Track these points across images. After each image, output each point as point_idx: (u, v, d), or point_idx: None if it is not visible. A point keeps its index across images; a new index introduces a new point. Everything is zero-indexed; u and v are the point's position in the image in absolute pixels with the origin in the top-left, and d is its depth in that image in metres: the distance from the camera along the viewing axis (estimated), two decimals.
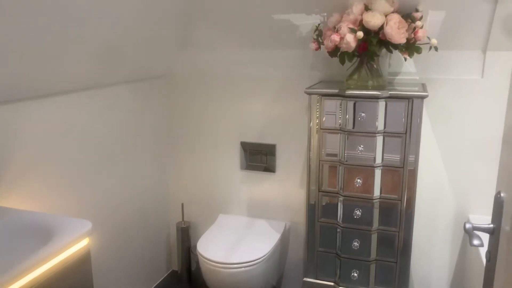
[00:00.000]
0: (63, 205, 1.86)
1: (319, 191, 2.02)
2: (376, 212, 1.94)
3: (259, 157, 2.46)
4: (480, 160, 2.06)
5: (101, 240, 1.98)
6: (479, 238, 0.97)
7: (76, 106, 1.90)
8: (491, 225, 0.95)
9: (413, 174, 1.86)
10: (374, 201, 1.92)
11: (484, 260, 1.02)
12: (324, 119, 1.93)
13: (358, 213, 1.94)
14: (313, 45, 1.97)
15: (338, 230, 2.00)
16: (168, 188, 2.68)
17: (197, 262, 2.17)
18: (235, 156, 2.49)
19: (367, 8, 1.83)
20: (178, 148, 2.61)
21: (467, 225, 0.98)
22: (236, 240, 2.20)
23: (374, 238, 1.96)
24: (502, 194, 0.92)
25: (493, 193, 1.02)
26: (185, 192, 2.65)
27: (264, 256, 2.04)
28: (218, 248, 2.10)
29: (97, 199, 2.06)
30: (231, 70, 2.39)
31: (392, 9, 1.80)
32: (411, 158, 1.84)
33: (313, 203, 2.03)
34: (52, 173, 1.81)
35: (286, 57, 2.25)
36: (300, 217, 2.40)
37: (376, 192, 1.91)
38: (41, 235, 1.35)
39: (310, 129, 1.97)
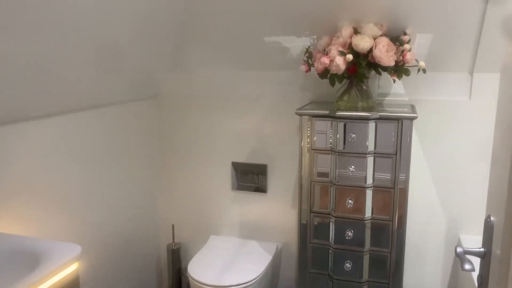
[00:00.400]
0: (51, 228, 1.83)
1: (310, 212, 2.01)
2: (368, 233, 1.94)
3: (250, 177, 2.46)
4: (470, 180, 2.08)
5: (90, 263, 1.95)
6: (470, 262, 0.97)
7: (65, 128, 1.89)
8: (482, 249, 0.96)
9: (404, 192, 1.87)
10: (366, 221, 1.92)
11: (476, 284, 1.02)
12: (315, 140, 1.94)
13: (350, 234, 1.94)
14: (304, 67, 2.00)
15: (330, 251, 2.00)
16: (158, 209, 2.66)
17: (188, 285, 2.14)
18: (226, 176, 2.49)
19: (356, 32, 1.86)
20: (168, 168, 2.60)
21: (458, 249, 0.98)
22: (228, 262, 2.18)
23: (366, 259, 1.95)
24: (492, 218, 0.93)
25: (483, 212, 1.03)
26: (176, 213, 2.63)
27: (256, 278, 2.02)
28: (209, 270, 2.08)
29: (86, 221, 2.03)
30: (222, 91, 2.41)
31: (380, 33, 1.84)
32: (401, 176, 1.85)
33: (305, 222, 2.03)
34: (40, 196, 1.78)
35: (277, 78, 2.28)
36: (292, 238, 2.39)
37: (368, 213, 1.92)
38: (28, 260, 1.33)
39: (301, 149, 1.97)
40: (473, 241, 2.07)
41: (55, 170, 1.84)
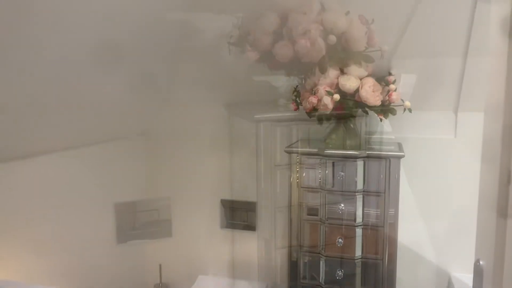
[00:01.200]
0: (33, 271, 1.77)
1: (300, 251, 1.99)
2: (358, 272, 1.91)
3: (239, 215, 2.44)
4: (458, 217, 2.08)
5: None
6: None
7: (49, 168, 1.86)
8: None
9: (393, 229, 1.87)
10: (356, 261, 1.90)
11: None
12: (304, 178, 1.94)
13: (340, 273, 1.91)
14: (292, 106, 2.02)
15: None
16: (145, 248, 2.60)
17: None
18: (215, 214, 2.46)
19: (342, 72, 1.90)
20: None
21: None
22: None
23: None
24: (481, 262, 0.92)
25: (473, 249, 1.02)
26: (163, 253, 2.57)
27: None
28: None
29: (70, 262, 1.98)
30: (210, 128, 2.41)
31: (366, 73, 1.88)
32: (391, 212, 1.85)
33: (295, 260, 2.00)
34: (23, 238, 1.74)
35: (266, 115, 2.29)
36: (282, 278, 2.34)
37: (358, 252, 1.90)
38: None
39: (290, 187, 1.97)
40: (464, 279, 2.06)
41: (38, 211, 1.80)
